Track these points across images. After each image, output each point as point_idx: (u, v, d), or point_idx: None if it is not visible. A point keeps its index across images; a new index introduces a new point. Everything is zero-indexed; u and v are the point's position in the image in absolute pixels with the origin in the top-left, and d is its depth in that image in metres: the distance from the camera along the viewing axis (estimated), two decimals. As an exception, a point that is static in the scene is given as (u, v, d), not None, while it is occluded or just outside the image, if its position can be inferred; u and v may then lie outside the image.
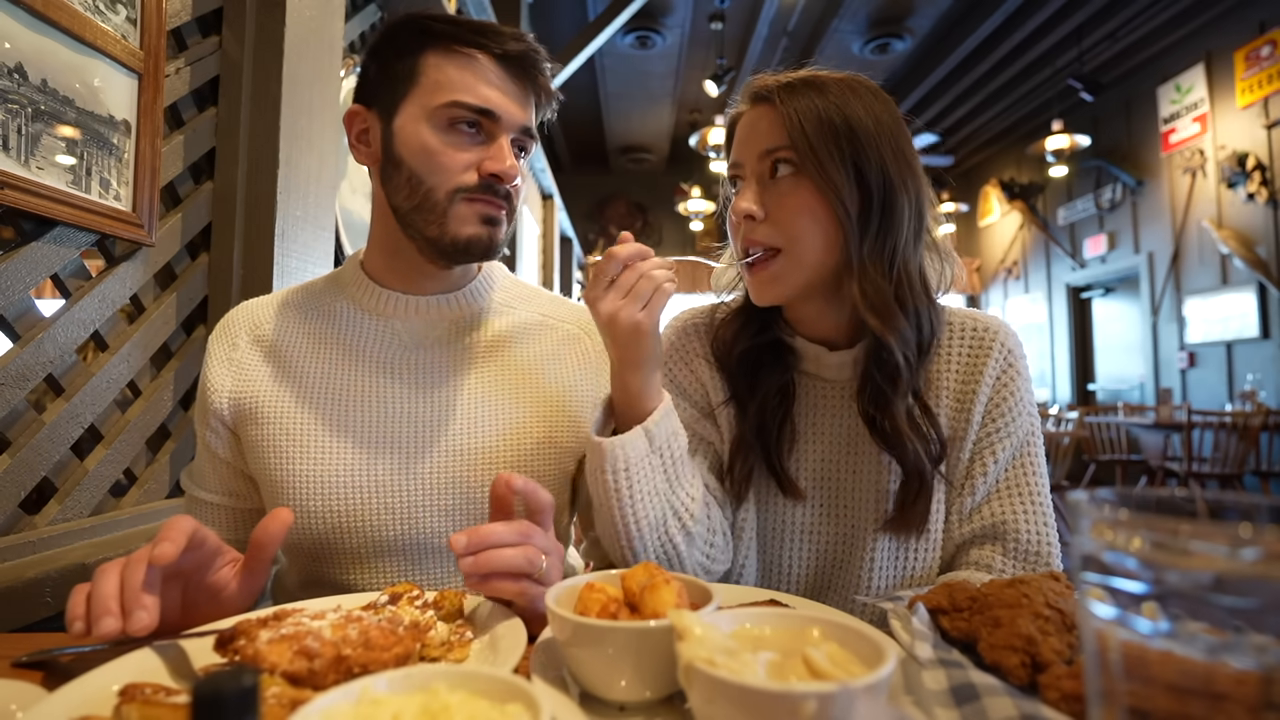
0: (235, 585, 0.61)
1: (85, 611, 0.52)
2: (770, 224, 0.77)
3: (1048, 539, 0.78)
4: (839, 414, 0.86)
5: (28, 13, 0.94)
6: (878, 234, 0.77)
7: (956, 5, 5.75)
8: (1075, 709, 0.42)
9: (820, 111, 0.75)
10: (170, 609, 0.58)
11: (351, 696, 0.36)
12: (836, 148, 0.75)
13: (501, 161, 0.78)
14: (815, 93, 0.77)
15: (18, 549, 0.95)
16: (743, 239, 0.79)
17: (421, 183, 0.79)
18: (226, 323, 0.90)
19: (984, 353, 0.82)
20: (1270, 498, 0.30)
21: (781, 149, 0.76)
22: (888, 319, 0.76)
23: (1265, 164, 5.30)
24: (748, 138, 0.80)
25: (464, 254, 0.81)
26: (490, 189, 0.79)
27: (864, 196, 0.76)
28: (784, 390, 0.86)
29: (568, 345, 0.92)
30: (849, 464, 0.84)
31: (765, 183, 0.79)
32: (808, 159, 0.75)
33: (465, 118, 0.78)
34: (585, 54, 4.28)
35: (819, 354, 0.85)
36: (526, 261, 4.89)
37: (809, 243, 0.77)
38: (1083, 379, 7.68)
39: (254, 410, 0.83)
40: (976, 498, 0.81)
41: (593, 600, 0.51)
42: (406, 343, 0.86)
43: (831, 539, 0.85)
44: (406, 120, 0.79)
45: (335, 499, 0.80)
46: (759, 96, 0.80)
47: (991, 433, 0.81)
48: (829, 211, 0.76)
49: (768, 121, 0.78)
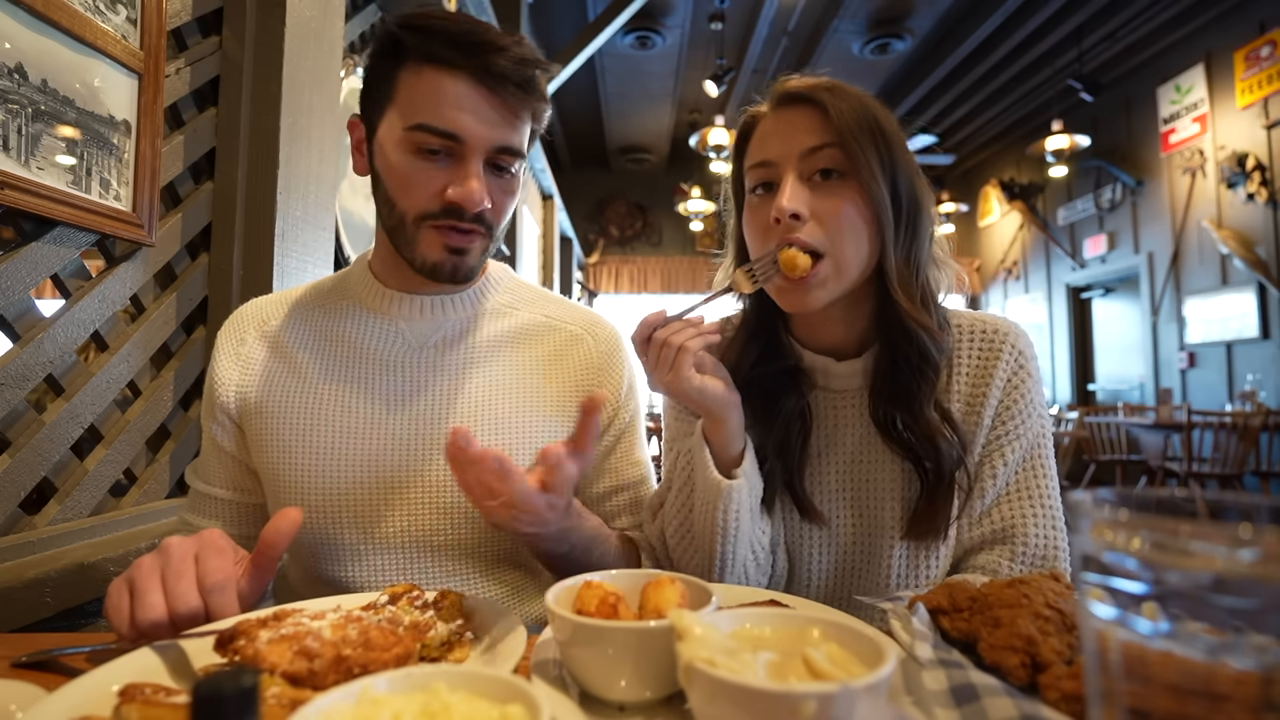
0: (244, 583, 0.61)
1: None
2: (815, 225, 0.75)
3: (1055, 543, 0.76)
4: (851, 424, 0.85)
5: (28, 13, 0.94)
6: (909, 242, 0.77)
7: (956, 5, 5.75)
8: (1075, 709, 0.42)
9: (863, 116, 0.75)
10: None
11: (351, 696, 0.36)
12: (876, 152, 0.74)
13: (465, 188, 0.75)
14: (850, 95, 0.77)
15: (18, 549, 0.95)
16: (780, 236, 0.75)
17: (395, 205, 0.79)
18: (235, 319, 0.91)
19: (994, 355, 0.81)
20: (1270, 498, 0.30)
21: (829, 146, 0.74)
22: (926, 321, 0.76)
23: (1265, 164, 5.30)
24: (786, 135, 0.77)
25: (432, 277, 0.82)
26: (454, 214, 0.77)
27: (896, 204, 0.76)
28: (803, 413, 0.85)
29: (570, 346, 0.92)
30: (865, 473, 0.83)
31: (809, 182, 0.76)
32: (859, 159, 0.73)
33: (431, 143, 0.75)
34: (585, 54, 4.28)
35: (827, 365, 0.84)
36: (526, 261, 4.89)
37: (853, 248, 0.75)
38: (1083, 379, 7.68)
39: (259, 405, 0.84)
40: (986, 501, 0.79)
41: (590, 597, 0.51)
42: (410, 342, 0.87)
43: (852, 548, 0.84)
44: (383, 137, 0.78)
45: (336, 495, 0.81)
46: (795, 97, 0.78)
47: (1001, 435, 0.80)
48: (872, 216, 0.75)
49: (810, 120, 0.76)
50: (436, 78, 0.74)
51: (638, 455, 0.95)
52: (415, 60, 0.75)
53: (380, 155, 0.79)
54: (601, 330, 0.95)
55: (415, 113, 0.75)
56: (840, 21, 5.96)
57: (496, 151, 0.77)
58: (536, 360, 0.90)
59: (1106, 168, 6.91)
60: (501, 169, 0.80)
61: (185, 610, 0.55)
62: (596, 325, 0.95)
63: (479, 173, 0.76)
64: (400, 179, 0.77)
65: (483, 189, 0.76)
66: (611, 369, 0.92)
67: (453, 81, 0.74)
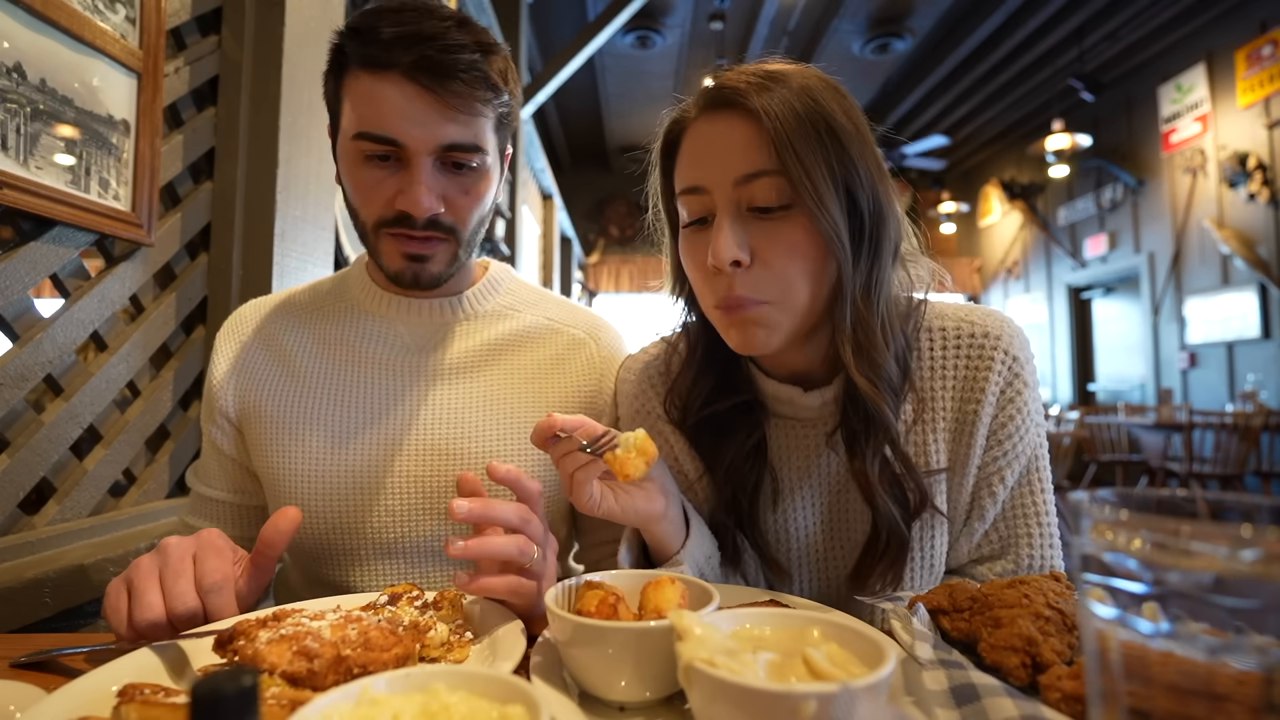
0: (243, 583, 0.61)
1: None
2: (759, 270, 0.65)
3: (1053, 560, 0.74)
4: (821, 456, 0.76)
5: (27, 12, 0.94)
6: (869, 264, 0.67)
7: (956, 5, 5.75)
8: (1076, 709, 0.42)
9: (806, 120, 0.63)
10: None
11: (351, 697, 0.36)
12: (827, 167, 0.63)
13: (411, 195, 0.72)
14: (789, 93, 0.64)
15: (17, 549, 0.95)
16: (723, 291, 0.66)
17: (357, 213, 0.78)
18: (234, 321, 0.91)
19: (985, 364, 0.72)
20: (1271, 498, 0.30)
21: (768, 173, 0.64)
22: (875, 366, 0.67)
23: (1266, 164, 5.30)
24: (717, 156, 0.66)
25: (398, 284, 0.81)
26: (406, 222, 0.74)
27: (854, 223, 0.66)
28: (754, 451, 0.76)
29: (572, 350, 0.91)
30: (839, 505, 0.77)
31: (743, 216, 0.66)
32: (801, 185, 0.62)
33: (374, 149, 0.73)
34: (585, 54, 4.28)
35: (792, 396, 0.75)
36: (526, 261, 4.89)
37: (802, 288, 0.66)
38: (1083, 379, 7.68)
39: (257, 408, 0.84)
40: (986, 522, 0.75)
41: (590, 597, 0.51)
42: (409, 345, 0.87)
43: (829, 584, 0.78)
44: (339, 146, 0.78)
45: (335, 499, 0.81)
46: (723, 100, 0.66)
47: (999, 457, 0.73)
48: (823, 248, 0.65)
49: (742, 132, 0.65)
50: (372, 83, 0.72)
51: None
52: (355, 66, 0.73)
53: (341, 164, 0.78)
54: (605, 335, 0.94)
55: (358, 121, 0.73)
56: (840, 21, 5.95)
57: (444, 150, 0.74)
58: (538, 364, 0.89)
59: (1107, 167, 6.91)
60: (460, 165, 0.75)
61: (183, 610, 0.55)
62: (600, 330, 0.94)
63: (424, 178, 0.73)
64: (355, 187, 0.76)
65: (431, 194, 0.73)
66: (612, 373, 0.91)
67: (387, 85, 0.71)
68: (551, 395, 0.88)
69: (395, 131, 0.71)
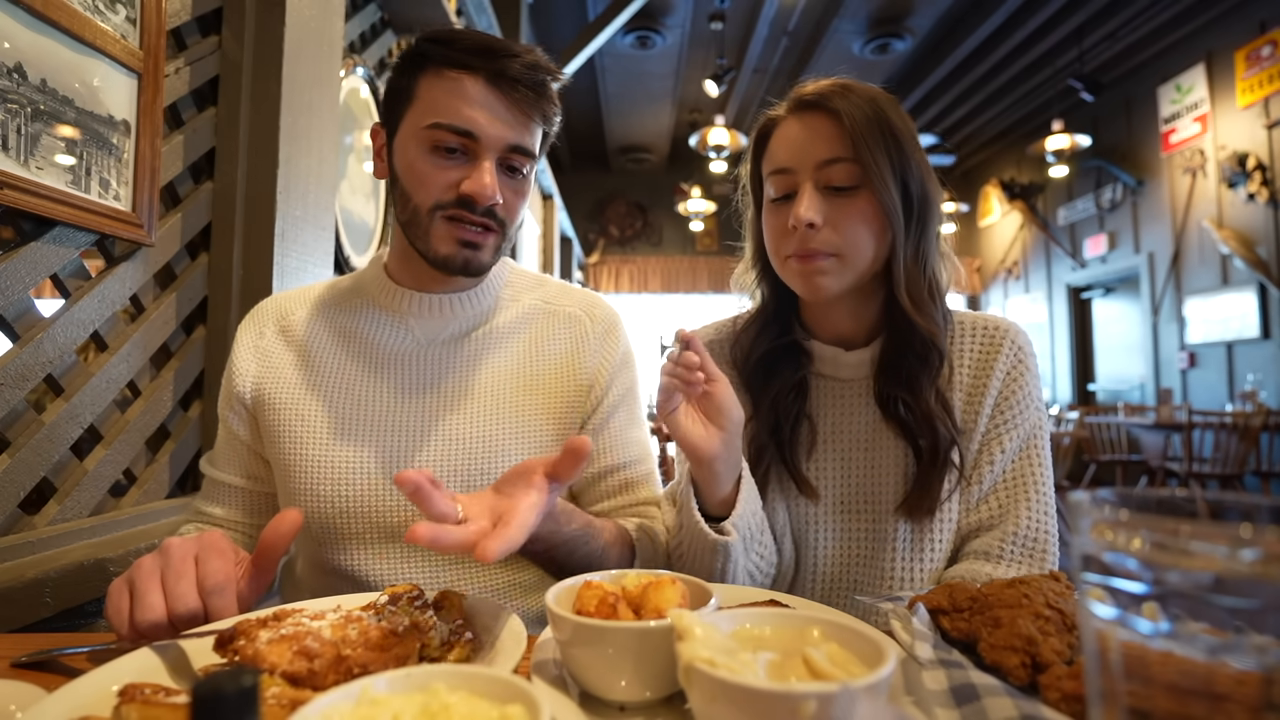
0: (244, 585, 0.62)
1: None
2: (830, 231, 0.81)
3: (1046, 528, 0.81)
4: (856, 412, 0.90)
5: (27, 12, 0.94)
6: (918, 236, 0.83)
7: (956, 5, 5.75)
8: (1075, 709, 0.42)
9: (875, 122, 0.80)
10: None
11: (351, 697, 0.36)
12: (888, 159, 0.80)
13: (478, 181, 0.79)
14: (861, 100, 0.81)
15: (17, 549, 0.95)
16: (798, 244, 0.82)
17: (410, 199, 0.82)
18: (257, 312, 0.96)
19: (995, 349, 0.86)
20: (1271, 498, 0.30)
21: (843, 160, 0.80)
22: (927, 313, 0.83)
23: (1266, 164, 5.30)
24: (803, 144, 0.83)
25: (444, 270, 0.85)
26: (467, 206, 0.80)
27: (907, 205, 0.82)
28: (798, 387, 0.90)
29: (566, 326, 0.95)
30: (869, 460, 0.88)
31: (824, 191, 0.82)
32: (871, 169, 0.79)
33: (447, 140, 0.79)
34: (585, 54, 4.28)
35: (835, 355, 0.90)
36: (526, 261, 4.90)
37: (864, 249, 0.82)
38: (1083, 379, 7.68)
39: (273, 396, 0.88)
40: (984, 487, 0.84)
41: (590, 597, 0.51)
42: (420, 340, 0.91)
43: (856, 533, 0.88)
44: (402, 138, 0.83)
45: (344, 485, 0.84)
46: (811, 104, 0.83)
47: (1000, 424, 0.85)
48: (884, 222, 0.81)
49: (825, 128, 0.81)
50: (455, 79, 0.79)
51: (632, 434, 0.96)
52: (435, 65, 0.80)
53: (399, 155, 0.83)
54: (599, 310, 0.98)
55: (433, 112, 0.79)
56: (840, 21, 5.95)
57: (509, 150, 0.81)
58: (534, 343, 0.93)
59: (1107, 167, 6.91)
60: (514, 170, 0.83)
61: (184, 611, 0.56)
62: (595, 306, 0.99)
63: (492, 169, 0.80)
64: (417, 175, 0.81)
65: (495, 184, 0.80)
66: (605, 343, 0.95)
67: (469, 82, 0.79)
68: (548, 373, 0.91)
69: (472, 124, 0.79)
